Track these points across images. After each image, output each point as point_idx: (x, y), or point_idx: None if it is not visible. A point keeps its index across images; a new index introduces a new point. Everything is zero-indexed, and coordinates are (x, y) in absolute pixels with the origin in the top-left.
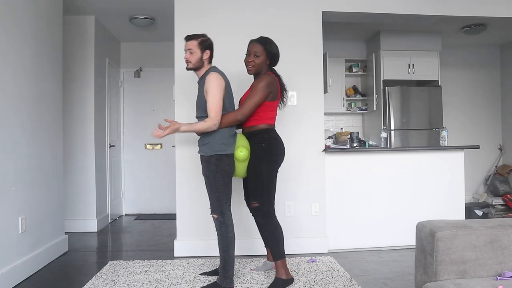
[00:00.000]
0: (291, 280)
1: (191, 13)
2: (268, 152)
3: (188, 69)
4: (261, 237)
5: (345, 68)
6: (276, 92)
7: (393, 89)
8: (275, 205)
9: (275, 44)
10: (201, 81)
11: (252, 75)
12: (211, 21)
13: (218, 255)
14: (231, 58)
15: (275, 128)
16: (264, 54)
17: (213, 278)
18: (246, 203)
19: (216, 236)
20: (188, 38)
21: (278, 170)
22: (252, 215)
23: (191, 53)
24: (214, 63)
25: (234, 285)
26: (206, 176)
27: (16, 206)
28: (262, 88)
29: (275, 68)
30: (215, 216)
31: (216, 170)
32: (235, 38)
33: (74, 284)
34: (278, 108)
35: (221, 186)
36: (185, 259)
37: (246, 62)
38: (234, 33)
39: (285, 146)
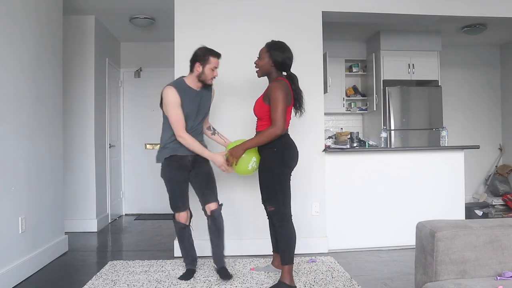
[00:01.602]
0: None
1: (191, 11)
2: (280, 156)
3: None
4: (261, 238)
5: (345, 68)
6: (290, 96)
7: (393, 89)
8: None
9: (286, 51)
10: (208, 92)
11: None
12: (211, 19)
13: None
14: (230, 57)
15: (288, 133)
16: (266, 57)
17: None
18: (264, 206)
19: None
20: (220, 56)
21: (292, 174)
22: (268, 218)
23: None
24: None
25: (234, 285)
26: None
27: (16, 206)
28: (280, 96)
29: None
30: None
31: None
32: (235, 37)
33: (74, 284)
34: (294, 115)
35: None
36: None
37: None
38: (234, 32)
39: None
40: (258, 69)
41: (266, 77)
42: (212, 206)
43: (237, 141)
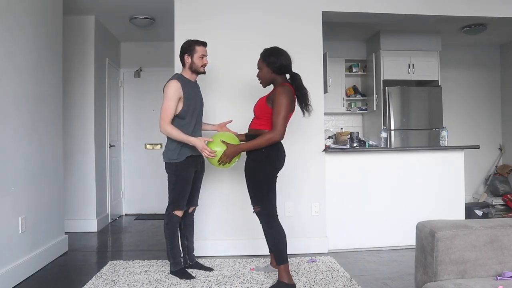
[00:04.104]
0: (293, 286)
1: (191, 15)
2: (267, 157)
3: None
4: (261, 238)
5: (345, 68)
6: (293, 104)
7: (393, 89)
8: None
9: (279, 53)
10: (198, 87)
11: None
12: (211, 19)
13: (216, 255)
14: (230, 57)
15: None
16: (264, 66)
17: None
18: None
19: (211, 237)
20: (206, 44)
21: (278, 175)
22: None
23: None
24: (213, 65)
25: (234, 285)
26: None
27: (16, 206)
28: (284, 102)
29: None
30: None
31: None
32: (235, 39)
33: (74, 284)
34: (303, 116)
35: None
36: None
37: None
38: (234, 34)
39: (285, 146)
40: (260, 80)
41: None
42: (194, 207)
43: (223, 134)
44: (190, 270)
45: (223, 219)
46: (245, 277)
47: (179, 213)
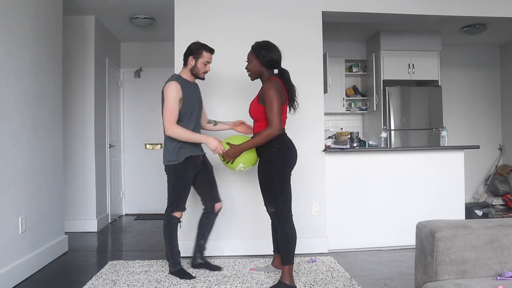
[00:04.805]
0: None
1: (191, 15)
2: (279, 156)
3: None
4: (261, 238)
5: (345, 68)
6: (284, 95)
7: (393, 89)
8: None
9: (271, 48)
10: (197, 87)
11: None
12: (211, 19)
13: (216, 255)
14: (230, 57)
15: (286, 132)
16: (254, 59)
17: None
18: (266, 208)
19: (212, 237)
20: (213, 51)
21: (292, 173)
22: (270, 218)
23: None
24: (213, 65)
25: (234, 285)
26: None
27: (16, 206)
28: (274, 96)
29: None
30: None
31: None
32: (235, 39)
33: (74, 284)
34: (288, 112)
35: None
36: (185, 259)
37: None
38: (234, 34)
39: None
40: (249, 72)
41: (259, 79)
42: (220, 204)
43: (236, 136)
44: (189, 270)
45: (223, 219)
46: (245, 277)
47: (178, 214)
